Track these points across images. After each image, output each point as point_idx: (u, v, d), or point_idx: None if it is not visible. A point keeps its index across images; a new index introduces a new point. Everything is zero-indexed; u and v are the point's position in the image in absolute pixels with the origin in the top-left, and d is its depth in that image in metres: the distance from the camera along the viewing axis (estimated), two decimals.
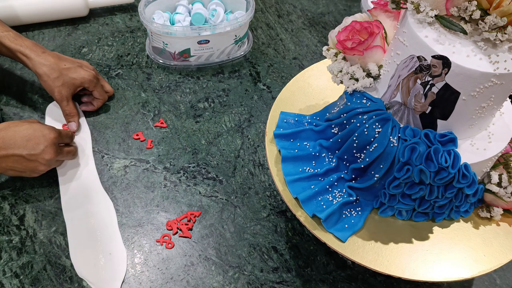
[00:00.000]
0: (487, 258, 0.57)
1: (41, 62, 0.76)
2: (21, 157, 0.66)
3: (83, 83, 0.79)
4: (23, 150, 0.66)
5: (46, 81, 0.77)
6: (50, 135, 0.68)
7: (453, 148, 0.54)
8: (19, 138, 0.66)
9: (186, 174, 0.77)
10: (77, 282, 0.64)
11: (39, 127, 0.68)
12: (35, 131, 0.68)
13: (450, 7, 0.51)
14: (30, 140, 0.67)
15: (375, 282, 0.66)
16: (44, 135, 0.68)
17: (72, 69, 0.78)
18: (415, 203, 0.58)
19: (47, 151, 0.68)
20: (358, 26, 0.60)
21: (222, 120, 0.85)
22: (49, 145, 0.68)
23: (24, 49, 0.77)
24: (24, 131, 0.67)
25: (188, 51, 0.91)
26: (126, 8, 1.06)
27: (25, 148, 0.66)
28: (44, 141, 0.68)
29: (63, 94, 0.77)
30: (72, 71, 0.78)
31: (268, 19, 1.08)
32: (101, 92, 0.82)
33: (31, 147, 0.67)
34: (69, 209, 0.71)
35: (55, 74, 0.77)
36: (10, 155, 0.66)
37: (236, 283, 0.65)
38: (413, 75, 0.54)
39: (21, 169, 0.68)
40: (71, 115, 0.79)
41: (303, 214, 0.60)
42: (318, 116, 0.68)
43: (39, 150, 0.67)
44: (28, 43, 0.77)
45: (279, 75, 0.94)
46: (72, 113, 0.79)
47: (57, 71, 0.77)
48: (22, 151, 0.66)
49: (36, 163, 0.68)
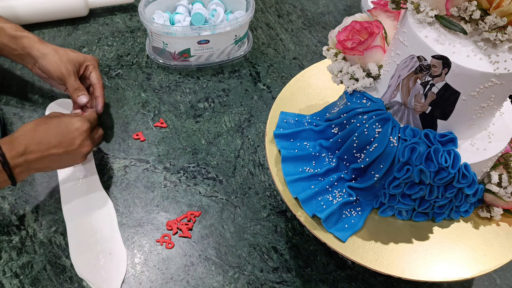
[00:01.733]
0: (487, 258, 0.57)
1: (47, 45, 0.77)
2: (58, 156, 0.65)
3: (85, 60, 0.79)
4: (59, 148, 0.64)
5: (53, 57, 0.76)
6: (84, 127, 0.67)
7: (453, 148, 0.54)
8: (52, 136, 0.64)
9: (186, 174, 0.77)
10: (77, 282, 0.64)
11: (70, 121, 0.67)
12: (67, 125, 0.66)
13: (450, 7, 0.51)
14: (64, 136, 0.65)
15: (375, 282, 0.66)
16: (77, 128, 0.66)
17: (75, 51, 0.80)
18: (415, 203, 0.58)
19: (84, 144, 0.67)
20: (358, 26, 0.60)
21: (222, 120, 0.85)
22: (85, 138, 0.67)
23: (32, 36, 0.78)
24: (55, 128, 0.65)
25: (188, 51, 0.91)
26: (126, 8, 1.06)
27: (61, 145, 0.64)
28: (79, 135, 0.66)
29: (70, 69, 0.77)
30: (75, 52, 0.79)
31: (268, 19, 1.08)
32: (98, 76, 0.80)
33: (67, 143, 0.65)
34: (69, 209, 0.71)
35: (61, 52, 0.77)
36: (46, 156, 0.64)
37: (236, 283, 0.65)
38: (413, 75, 0.54)
39: (59, 165, 0.68)
40: (80, 89, 0.77)
41: (303, 214, 0.60)
42: (318, 116, 0.68)
43: (76, 145, 0.66)
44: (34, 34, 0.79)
45: (279, 75, 0.94)
46: (80, 87, 0.78)
47: (62, 50, 0.78)
48: (58, 149, 0.64)
49: (74, 157, 0.67)
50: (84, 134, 0.67)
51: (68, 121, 0.66)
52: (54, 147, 0.64)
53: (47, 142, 0.63)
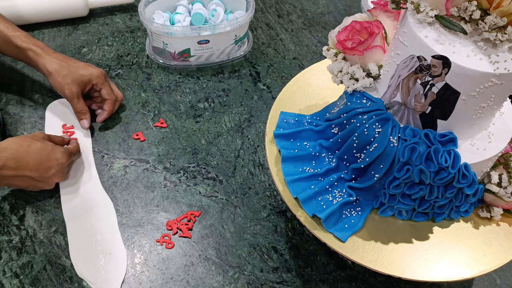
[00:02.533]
0: (487, 258, 0.57)
1: (51, 60, 0.77)
2: (30, 178, 0.67)
3: (91, 80, 0.79)
4: (34, 173, 0.66)
5: (56, 78, 0.76)
6: (63, 159, 0.69)
7: (453, 148, 0.54)
8: (32, 159, 0.66)
9: (186, 174, 0.77)
10: (77, 282, 0.64)
11: (52, 150, 0.68)
12: (48, 154, 0.68)
13: (450, 7, 0.51)
14: (42, 164, 0.67)
15: (375, 282, 0.66)
16: (57, 159, 0.68)
17: (81, 67, 0.79)
18: (415, 203, 0.58)
19: (57, 175, 0.69)
20: (358, 26, 0.60)
21: (222, 120, 0.85)
22: (60, 169, 0.69)
23: (36, 48, 0.77)
24: (37, 152, 0.67)
25: (188, 51, 0.91)
26: (126, 8, 1.06)
27: (37, 171, 0.66)
28: (56, 165, 0.68)
29: (73, 91, 0.77)
30: (81, 68, 0.78)
31: (268, 19, 1.08)
32: (109, 91, 0.80)
33: (42, 170, 0.67)
34: (69, 209, 0.71)
35: (65, 71, 0.76)
36: (20, 176, 0.66)
37: (236, 283, 0.65)
38: (413, 75, 0.54)
39: (25, 186, 0.68)
40: (83, 112, 0.79)
41: (303, 214, 0.60)
42: (318, 116, 0.68)
43: (49, 174, 0.68)
44: (39, 43, 0.78)
45: (279, 75, 0.94)
46: (83, 110, 0.79)
47: (67, 68, 0.77)
48: (33, 173, 0.66)
49: (43, 183, 0.69)
50: (61, 166, 0.69)
51: (50, 150, 0.68)
52: (30, 170, 0.66)
53: (25, 163, 0.65)
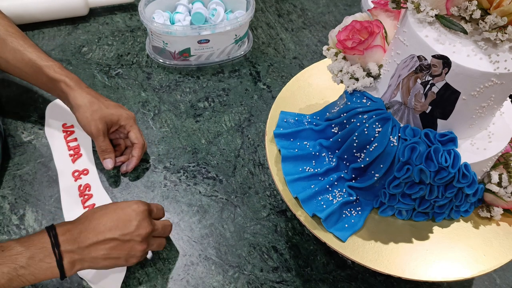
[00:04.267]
0: (487, 258, 0.57)
1: (83, 95, 0.72)
2: (114, 240, 0.57)
3: (119, 120, 0.74)
4: (115, 232, 0.57)
5: (85, 113, 0.71)
6: (140, 208, 0.59)
7: (453, 147, 0.54)
8: (108, 219, 0.58)
9: (186, 173, 0.77)
10: (77, 282, 0.63)
11: (127, 204, 0.60)
12: (123, 208, 0.59)
13: (450, 6, 0.51)
14: (120, 219, 0.58)
15: (375, 282, 0.66)
16: (133, 209, 0.59)
17: (112, 106, 0.74)
18: (415, 202, 0.58)
19: (141, 226, 0.58)
20: (358, 25, 0.60)
21: (222, 120, 0.85)
22: (142, 219, 0.59)
23: (69, 81, 0.72)
24: (111, 212, 0.59)
25: (188, 51, 0.91)
26: (126, 7, 1.06)
27: (117, 228, 0.57)
28: (136, 215, 0.59)
29: (100, 128, 0.71)
30: (112, 107, 0.74)
31: (268, 19, 1.08)
32: (137, 135, 0.74)
33: (122, 226, 0.57)
34: (69, 209, 0.71)
35: (95, 107, 0.71)
36: (101, 241, 0.56)
37: (236, 282, 0.65)
38: (413, 75, 0.54)
39: (116, 255, 0.58)
40: (107, 152, 0.73)
41: (303, 213, 0.60)
42: (318, 116, 0.68)
43: (132, 227, 0.58)
44: (73, 75, 0.74)
45: (279, 75, 0.94)
46: (108, 149, 0.73)
47: (97, 104, 0.72)
48: (114, 233, 0.57)
49: (132, 242, 0.58)
50: (141, 215, 0.59)
51: (125, 205, 0.60)
52: (109, 230, 0.57)
53: (103, 225, 0.57)
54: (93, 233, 0.56)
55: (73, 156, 0.77)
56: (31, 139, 0.79)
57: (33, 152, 0.78)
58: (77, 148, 0.78)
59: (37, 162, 0.76)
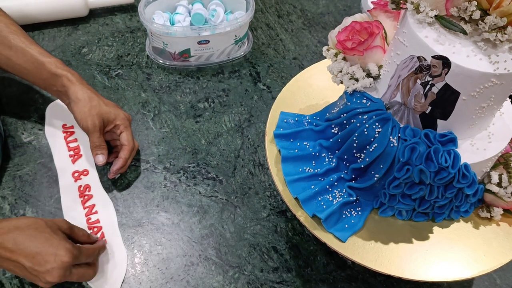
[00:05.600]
0: (487, 258, 0.57)
1: (84, 89, 0.73)
2: (22, 266, 0.57)
3: (116, 119, 0.74)
4: (27, 262, 0.56)
5: (84, 106, 0.71)
6: (63, 258, 0.57)
7: (453, 148, 0.54)
8: (31, 246, 0.57)
9: (186, 174, 0.77)
10: (77, 282, 0.63)
11: (57, 243, 0.58)
12: (51, 246, 0.58)
13: (450, 7, 0.51)
14: (39, 254, 0.57)
15: (375, 282, 0.66)
16: (57, 255, 0.57)
17: (111, 104, 0.75)
18: (415, 203, 0.58)
19: (51, 273, 0.57)
20: (358, 26, 0.60)
21: (222, 120, 0.85)
22: (56, 268, 0.57)
23: (71, 75, 0.73)
24: (39, 240, 0.58)
25: (188, 51, 0.91)
26: (126, 8, 1.06)
27: (31, 261, 0.57)
28: (53, 262, 0.57)
29: (97, 124, 0.72)
30: (110, 106, 0.74)
31: (268, 19, 1.08)
32: (129, 138, 0.74)
33: (37, 262, 0.57)
34: (69, 210, 0.71)
35: (94, 102, 0.72)
36: (13, 260, 0.57)
37: (236, 283, 0.65)
38: (413, 75, 0.54)
39: (21, 275, 0.59)
40: (101, 148, 0.73)
41: (303, 214, 0.60)
42: (318, 116, 0.68)
43: (43, 269, 0.57)
44: (75, 72, 0.74)
45: (279, 75, 0.94)
46: (102, 146, 0.73)
47: (96, 100, 0.73)
48: (26, 262, 0.56)
49: (36, 278, 0.58)
50: (59, 264, 0.57)
51: (55, 243, 0.58)
52: (25, 257, 0.57)
53: (23, 248, 0.57)
54: (10, 249, 0.56)
55: (73, 157, 0.77)
56: (31, 139, 0.79)
57: (33, 152, 0.78)
58: (77, 149, 0.78)
59: (37, 162, 0.76)
